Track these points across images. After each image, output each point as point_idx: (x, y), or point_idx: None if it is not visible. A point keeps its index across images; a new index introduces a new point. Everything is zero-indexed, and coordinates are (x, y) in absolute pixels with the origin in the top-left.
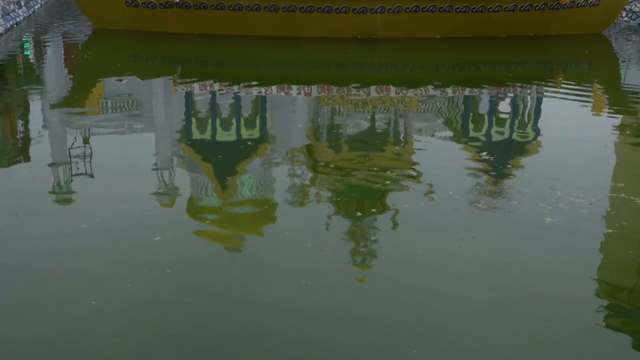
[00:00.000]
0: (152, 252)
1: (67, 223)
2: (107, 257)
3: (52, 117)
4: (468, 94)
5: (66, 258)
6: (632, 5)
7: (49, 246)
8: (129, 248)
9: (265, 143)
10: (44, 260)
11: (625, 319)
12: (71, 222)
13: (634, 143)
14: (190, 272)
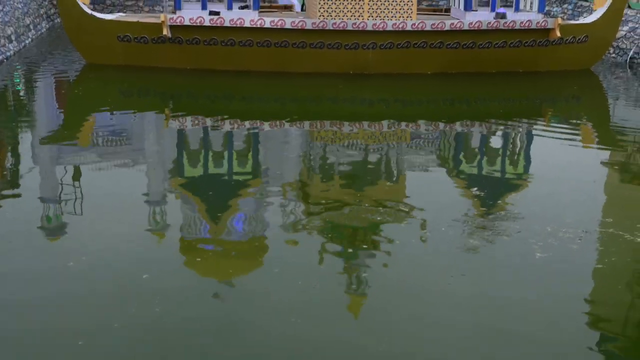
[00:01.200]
0: (141, 290)
1: (54, 260)
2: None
3: (42, 152)
4: (459, 129)
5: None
6: (619, 42)
7: (34, 284)
8: (116, 287)
9: (257, 178)
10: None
11: (617, 352)
12: (58, 259)
13: (622, 179)
14: (179, 311)
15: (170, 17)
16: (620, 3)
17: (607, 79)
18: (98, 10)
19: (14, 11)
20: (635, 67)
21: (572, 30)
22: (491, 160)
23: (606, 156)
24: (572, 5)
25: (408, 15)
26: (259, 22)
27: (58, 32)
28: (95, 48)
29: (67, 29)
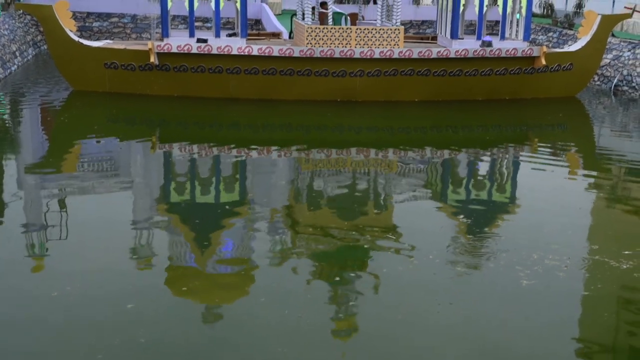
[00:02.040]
0: (125, 320)
1: (38, 290)
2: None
3: (26, 179)
4: (446, 156)
5: (33, 327)
6: (604, 69)
7: (17, 314)
8: (101, 317)
9: (244, 205)
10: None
11: None
12: (42, 289)
13: (608, 206)
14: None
15: (157, 45)
16: (605, 31)
17: (592, 106)
18: (85, 37)
19: (0, 38)
20: (619, 94)
21: (557, 58)
22: (478, 187)
23: (592, 183)
24: (557, 33)
25: (395, 43)
26: (247, 49)
27: (45, 58)
28: (82, 75)
29: (54, 56)
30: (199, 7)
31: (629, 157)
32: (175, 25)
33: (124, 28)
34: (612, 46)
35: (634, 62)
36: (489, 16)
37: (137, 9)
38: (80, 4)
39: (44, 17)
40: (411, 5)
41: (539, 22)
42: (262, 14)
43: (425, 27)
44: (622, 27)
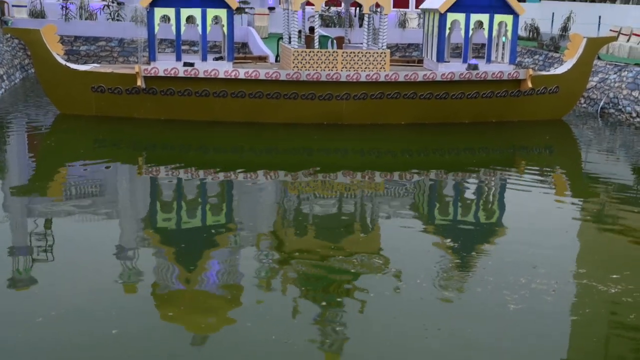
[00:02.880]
0: (110, 346)
1: (23, 315)
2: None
3: (12, 202)
4: (433, 179)
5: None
6: (590, 92)
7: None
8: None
9: (230, 229)
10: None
11: None
12: (27, 314)
13: (595, 229)
14: None
15: (144, 68)
16: (590, 54)
17: (578, 128)
18: (73, 61)
19: None
20: (606, 117)
21: (543, 81)
22: (465, 210)
23: (579, 206)
24: (543, 56)
25: (381, 66)
26: (234, 73)
27: (32, 82)
28: (69, 99)
29: (41, 79)
30: (185, 31)
31: (616, 180)
32: (162, 49)
33: (111, 52)
34: (598, 69)
35: (620, 84)
36: (474, 39)
37: (124, 32)
38: (67, 28)
39: (31, 41)
40: (397, 29)
41: (525, 45)
42: (249, 37)
43: (412, 50)
44: (608, 50)
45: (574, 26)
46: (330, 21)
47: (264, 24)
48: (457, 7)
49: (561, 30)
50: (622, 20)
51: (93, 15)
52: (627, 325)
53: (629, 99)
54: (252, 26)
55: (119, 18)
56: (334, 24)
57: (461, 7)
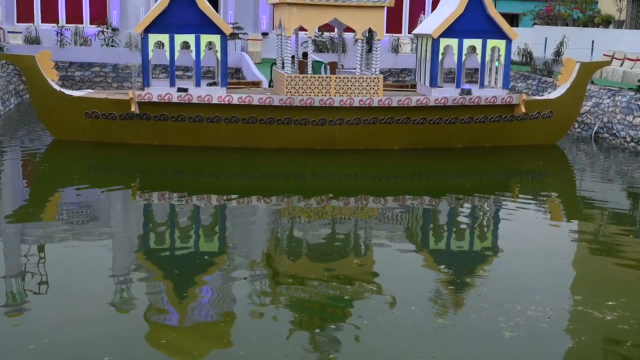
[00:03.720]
0: None
1: (15, 342)
2: None
3: (6, 228)
4: (427, 204)
5: None
6: (584, 117)
7: None
8: None
9: (224, 254)
10: None
11: None
12: (19, 342)
13: (590, 255)
14: None
15: (138, 94)
16: (584, 79)
17: (572, 153)
18: (67, 87)
19: None
20: (600, 141)
21: (536, 106)
22: (459, 235)
23: (574, 231)
24: (536, 81)
25: (375, 91)
26: (227, 98)
27: (27, 108)
28: (63, 124)
29: (35, 105)
30: (179, 57)
31: (611, 204)
32: (156, 75)
33: (106, 77)
34: (591, 93)
35: (614, 109)
36: (467, 64)
37: (118, 58)
38: (62, 54)
39: (26, 67)
40: (390, 54)
41: (518, 69)
42: (242, 62)
43: (405, 75)
44: (602, 75)
45: (567, 51)
46: (324, 46)
47: (258, 50)
48: (449, 33)
49: (554, 54)
50: (615, 44)
51: (88, 41)
52: (624, 353)
53: (623, 124)
54: (246, 51)
55: (114, 44)
56: (327, 49)
57: (454, 32)
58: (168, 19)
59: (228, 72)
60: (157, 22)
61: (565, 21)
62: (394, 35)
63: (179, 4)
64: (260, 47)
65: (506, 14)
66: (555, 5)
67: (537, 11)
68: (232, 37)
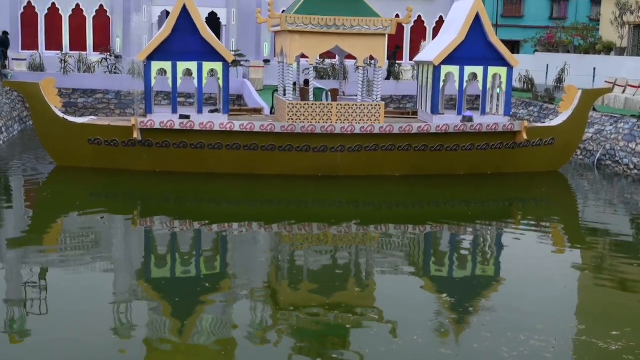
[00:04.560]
0: None
1: None
2: None
3: (8, 254)
4: (429, 231)
5: None
6: (586, 144)
7: None
8: None
9: (224, 281)
10: None
11: None
12: None
13: (594, 283)
14: None
15: (141, 121)
16: (586, 106)
17: (575, 180)
18: (70, 113)
19: None
20: (603, 168)
21: (538, 133)
22: (461, 263)
23: (577, 260)
24: (538, 107)
25: (376, 118)
26: (229, 125)
27: (30, 134)
28: (66, 151)
29: (39, 132)
30: (181, 83)
31: (614, 232)
32: (159, 101)
33: (108, 104)
34: (593, 120)
35: (616, 136)
36: (469, 91)
37: (121, 85)
38: (66, 81)
39: (30, 95)
40: (391, 81)
41: (520, 96)
42: (244, 89)
43: (406, 102)
44: (604, 102)
45: (569, 78)
46: (325, 73)
47: (259, 77)
48: (451, 60)
49: (556, 81)
50: (616, 71)
51: (91, 68)
52: None
53: (625, 151)
54: (248, 78)
55: (117, 71)
56: (329, 76)
57: (455, 59)
58: (171, 46)
59: (230, 98)
60: (160, 49)
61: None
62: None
63: (182, 32)
64: (262, 74)
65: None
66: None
67: (539, 38)
68: (234, 64)
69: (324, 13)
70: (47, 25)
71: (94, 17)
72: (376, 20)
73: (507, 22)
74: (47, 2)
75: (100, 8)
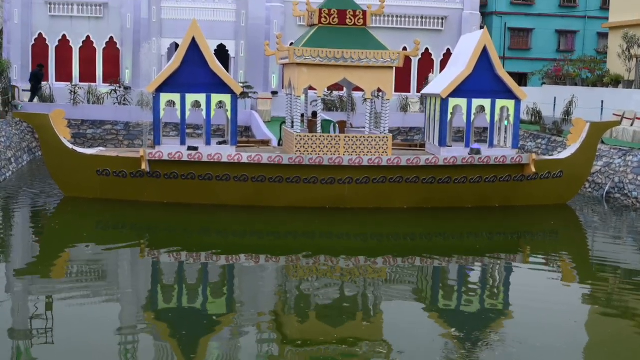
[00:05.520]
0: None
1: None
2: None
3: (15, 284)
4: (437, 264)
5: None
6: (595, 177)
7: None
8: None
9: (231, 313)
10: None
11: None
12: None
13: (605, 318)
14: None
15: (149, 152)
16: (594, 139)
17: (584, 213)
18: (79, 144)
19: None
20: (612, 201)
21: (547, 166)
22: (470, 297)
23: (587, 294)
24: (545, 140)
25: (384, 150)
26: (237, 157)
27: (39, 164)
28: (74, 182)
29: (48, 162)
30: (190, 115)
31: (624, 266)
32: (167, 132)
33: (117, 135)
34: (602, 153)
35: (625, 169)
36: (477, 123)
37: (130, 116)
38: (75, 112)
39: (40, 126)
40: (399, 112)
41: (527, 129)
42: (252, 121)
43: (414, 134)
44: (612, 134)
45: (577, 110)
46: (333, 105)
47: (267, 108)
48: (458, 93)
49: (564, 114)
50: (625, 104)
51: (101, 99)
52: None
53: (634, 184)
54: (256, 110)
55: (126, 102)
56: (336, 108)
57: (463, 92)
58: (180, 78)
59: (238, 130)
60: (169, 81)
61: (574, 81)
62: (402, 94)
63: (191, 64)
64: (269, 105)
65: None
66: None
67: (546, 71)
68: (242, 95)
69: (332, 46)
70: (58, 56)
71: (104, 48)
72: (384, 53)
73: (515, 55)
74: (58, 34)
75: (110, 40)
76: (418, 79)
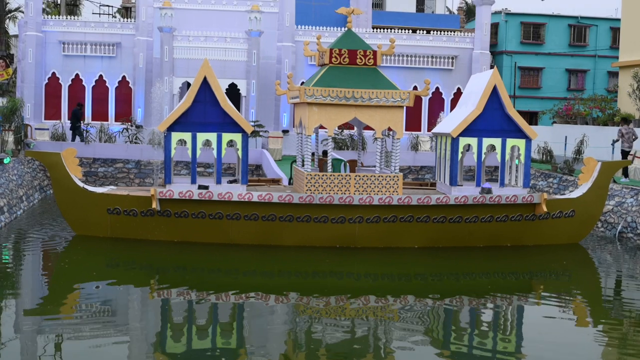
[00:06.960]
0: None
1: None
2: None
3: (24, 323)
4: (448, 304)
5: None
6: (607, 216)
7: None
8: None
9: (241, 355)
10: None
11: None
12: None
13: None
14: None
15: (160, 191)
16: (606, 178)
17: (596, 253)
18: (90, 182)
19: (9, 183)
20: (624, 241)
21: (558, 205)
22: (481, 338)
23: (600, 335)
24: (557, 179)
25: (394, 189)
26: (247, 196)
27: (50, 203)
28: (85, 220)
29: (58, 201)
30: (201, 154)
31: (638, 306)
32: (178, 171)
33: (128, 173)
34: (614, 192)
35: (637, 208)
36: (487, 162)
37: (141, 155)
38: (87, 150)
39: (51, 164)
40: (410, 151)
41: (539, 167)
42: (263, 159)
43: (424, 173)
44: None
45: (588, 149)
46: (343, 144)
47: (278, 147)
48: (469, 132)
49: (575, 153)
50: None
51: (112, 138)
52: None
53: None
54: (266, 148)
55: (137, 141)
56: (347, 147)
57: (473, 131)
58: (191, 118)
59: (248, 169)
60: (180, 120)
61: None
62: (413, 133)
63: (203, 104)
64: (280, 144)
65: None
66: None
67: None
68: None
69: (343, 85)
70: (70, 95)
71: (116, 87)
72: (394, 93)
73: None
74: (71, 72)
75: (122, 79)
76: (429, 117)
